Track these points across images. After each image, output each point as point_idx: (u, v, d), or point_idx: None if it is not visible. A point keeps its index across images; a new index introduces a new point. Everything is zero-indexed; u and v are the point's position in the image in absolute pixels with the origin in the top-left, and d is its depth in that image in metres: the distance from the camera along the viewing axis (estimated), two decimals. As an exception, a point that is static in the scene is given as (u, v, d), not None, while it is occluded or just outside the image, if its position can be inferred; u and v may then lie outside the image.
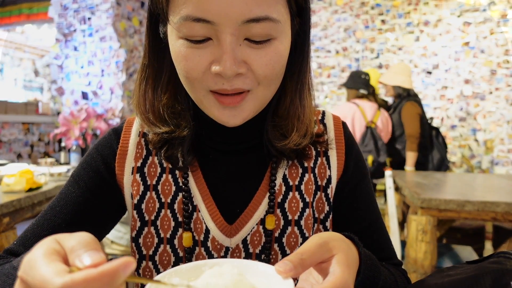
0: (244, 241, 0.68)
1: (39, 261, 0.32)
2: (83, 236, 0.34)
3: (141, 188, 0.70)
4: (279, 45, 0.56)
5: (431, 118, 3.57)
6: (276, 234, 0.68)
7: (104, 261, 0.32)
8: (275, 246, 0.68)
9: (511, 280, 0.49)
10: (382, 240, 0.72)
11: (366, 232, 0.71)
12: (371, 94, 3.53)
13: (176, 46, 0.57)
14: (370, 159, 3.20)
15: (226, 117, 0.60)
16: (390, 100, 4.08)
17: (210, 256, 0.68)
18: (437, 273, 0.60)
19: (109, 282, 0.30)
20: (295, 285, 0.42)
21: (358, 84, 3.47)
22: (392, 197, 2.31)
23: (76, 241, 0.34)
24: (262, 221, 0.68)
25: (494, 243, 2.96)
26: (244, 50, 0.55)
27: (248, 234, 0.68)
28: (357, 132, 3.33)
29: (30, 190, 1.82)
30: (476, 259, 0.59)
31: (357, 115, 3.34)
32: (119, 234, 2.24)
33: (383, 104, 3.79)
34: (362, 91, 3.49)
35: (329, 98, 5.40)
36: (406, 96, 3.43)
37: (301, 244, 0.52)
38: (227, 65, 0.53)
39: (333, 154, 0.72)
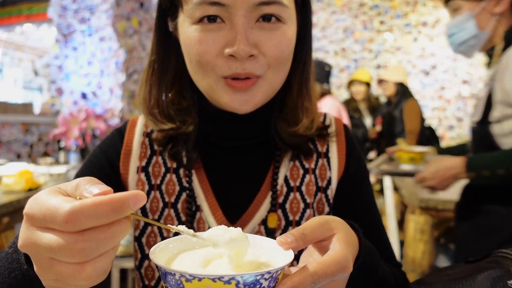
0: None
1: (44, 196, 0.32)
2: (85, 177, 0.35)
3: (146, 187, 0.71)
4: (287, 29, 0.60)
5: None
6: (277, 235, 0.68)
7: (112, 191, 0.32)
8: None
9: (508, 279, 0.50)
10: (381, 241, 0.72)
11: (365, 232, 0.71)
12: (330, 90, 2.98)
13: (189, 32, 0.59)
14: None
15: (237, 103, 0.61)
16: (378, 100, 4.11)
17: None
18: (435, 273, 0.61)
19: (117, 209, 0.30)
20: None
21: (322, 77, 2.86)
22: (390, 197, 2.32)
23: (80, 179, 0.34)
24: (264, 221, 0.68)
25: (491, 243, 2.97)
26: (255, 33, 0.58)
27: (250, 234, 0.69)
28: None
29: (30, 190, 1.83)
30: (473, 259, 0.60)
31: (344, 113, 2.96)
32: (119, 234, 2.25)
33: (375, 104, 3.80)
34: (326, 86, 2.91)
35: (328, 99, 5.41)
36: (405, 94, 3.47)
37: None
38: (241, 46, 0.56)
39: (333, 156, 0.73)
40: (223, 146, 0.71)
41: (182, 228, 0.39)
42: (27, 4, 4.58)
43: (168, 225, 0.40)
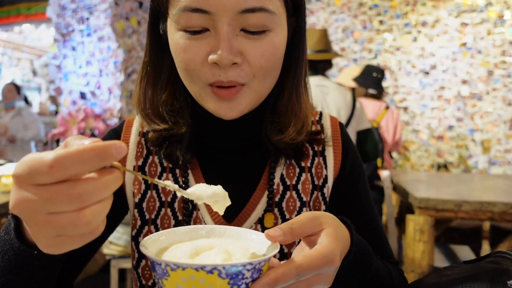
0: None
1: (31, 155, 0.32)
2: (74, 135, 0.36)
3: (142, 187, 0.71)
4: (274, 37, 0.58)
5: None
6: None
7: (101, 141, 0.33)
8: None
9: (508, 279, 0.50)
10: (378, 239, 0.73)
11: (362, 231, 0.71)
12: (381, 94, 3.29)
13: (175, 38, 0.59)
14: (379, 161, 3.05)
15: (223, 110, 0.61)
16: None
17: None
18: (435, 273, 0.60)
19: (101, 155, 0.31)
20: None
21: (368, 82, 3.21)
22: (390, 197, 2.32)
23: (69, 138, 0.35)
24: (260, 220, 0.68)
25: (491, 243, 2.98)
26: (240, 41, 0.57)
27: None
28: None
29: (29, 190, 1.82)
30: (473, 259, 0.59)
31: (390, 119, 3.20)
32: (117, 235, 2.24)
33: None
34: (372, 91, 3.24)
35: (327, 98, 5.41)
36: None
37: (299, 243, 0.53)
38: (223, 54, 0.55)
39: (329, 154, 0.73)
40: (218, 147, 0.71)
41: (168, 183, 0.40)
42: (26, 3, 4.57)
43: (155, 179, 0.41)
